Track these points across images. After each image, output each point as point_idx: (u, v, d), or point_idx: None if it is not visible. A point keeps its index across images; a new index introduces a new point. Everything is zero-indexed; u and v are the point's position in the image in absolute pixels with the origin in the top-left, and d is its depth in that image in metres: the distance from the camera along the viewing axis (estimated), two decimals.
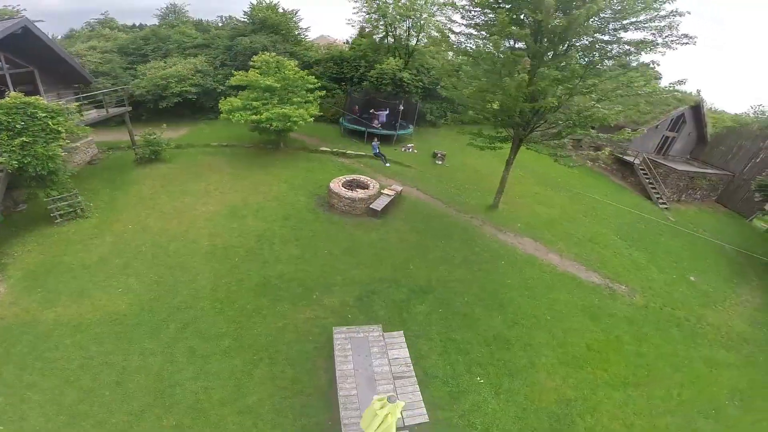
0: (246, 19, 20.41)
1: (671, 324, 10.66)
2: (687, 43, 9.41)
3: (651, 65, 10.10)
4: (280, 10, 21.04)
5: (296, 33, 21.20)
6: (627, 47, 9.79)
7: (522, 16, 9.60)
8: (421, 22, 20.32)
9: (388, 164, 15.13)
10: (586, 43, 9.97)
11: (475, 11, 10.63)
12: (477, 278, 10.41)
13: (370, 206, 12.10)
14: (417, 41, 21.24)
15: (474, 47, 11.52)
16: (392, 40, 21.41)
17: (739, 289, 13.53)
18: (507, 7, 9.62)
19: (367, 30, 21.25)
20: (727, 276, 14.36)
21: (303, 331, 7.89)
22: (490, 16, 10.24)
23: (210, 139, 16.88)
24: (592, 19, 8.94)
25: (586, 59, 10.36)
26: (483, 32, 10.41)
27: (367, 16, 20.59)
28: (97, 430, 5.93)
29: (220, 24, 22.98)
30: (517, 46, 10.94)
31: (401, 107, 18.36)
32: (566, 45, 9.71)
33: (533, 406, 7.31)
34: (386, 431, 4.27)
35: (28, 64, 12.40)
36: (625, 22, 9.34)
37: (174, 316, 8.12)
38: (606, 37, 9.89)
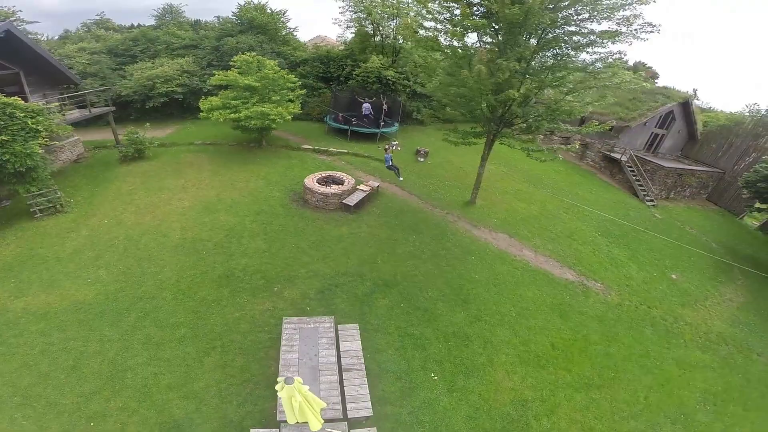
0: (234, 20, 20.74)
1: (645, 323, 10.43)
2: (651, 32, 9.38)
3: (618, 55, 10.07)
4: (269, 11, 21.34)
5: (284, 33, 21.44)
6: (592, 38, 9.76)
7: (481, 8, 9.62)
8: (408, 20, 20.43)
9: (401, 178, 14.46)
10: (550, 36, 9.97)
11: (443, 5, 10.69)
12: (444, 273, 10.38)
13: (343, 201, 12.22)
14: (404, 40, 21.37)
15: (444, 42, 11.59)
16: (379, 39, 21.56)
17: (723, 288, 13.30)
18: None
19: (351, 30, 21.42)
20: (712, 274, 14.13)
21: (259, 322, 8.01)
22: (456, 11, 10.31)
23: (195, 137, 17.17)
24: (551, 9, 8.91)
25: (551, 51, 10.33)
26: (448, 26, 10.48)
27: (353, 15, 20.77)
28: (48, 410, 6.12)
29: (217, 24, 23.32)
30: (487, 40, 11.00)
31: (385, 106, 18.50)
32: (526, 36, 9.69)
33: (487, 406, 7.16)
34: (303, 413, 4.36)
35: (13, 66, 12.77)
36: (586, 11, 9.30)
37: (136, 305, 8.31)
38: (572, 28, 9.85)
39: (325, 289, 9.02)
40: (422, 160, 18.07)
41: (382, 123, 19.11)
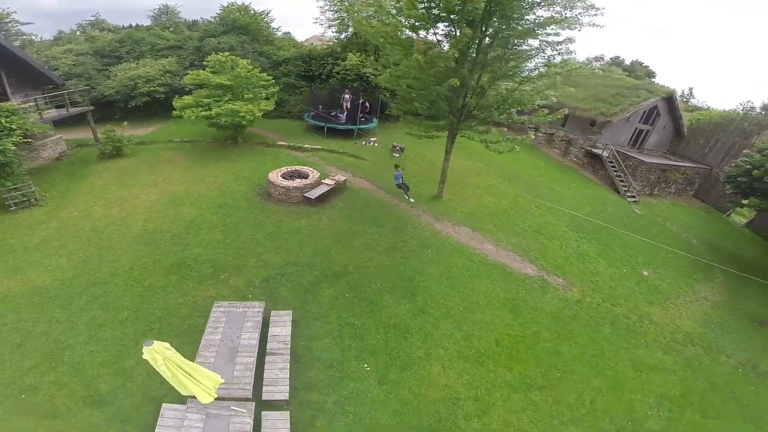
0: (218, 20, 21.32)
1: (605, 321, 10.06)
2: (596, 14, 9.36)
3: (566, 42, 10.08)
4: (252, 11, 21.86)
5: (266, 33, 21.91)
6: (534, 25, 9.73)
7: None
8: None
9: (412, 199, 13.31)
10: (495, 24, 9.95)
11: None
12: (397, 266, 10.45)
13: (305, 195, 12.53)
14: (363, 35, 21.58)
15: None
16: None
17: (699, 286, 13.03)
18: None
19: (333, 29, 21.77)
20: (688, 272, 13.86)
21: (200, 307, 8.29)
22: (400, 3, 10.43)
23: (174, 135, 17.69)
24: None
25: (497, 38, 10.27)
26: (392, 18, 10.67)
27: (334, 15, 21.12)
28: None
29: (201, 25, 23.98)
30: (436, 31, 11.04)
31: (361, 102, 18.78)
32: (466, 23, 9.71)
33: (416, 401, 7.00)
34: (180, 382, 4.59)
35: None
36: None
37: (88, 290, 8.71)
38: (515, 15, 9.80)
39: (270, 278, 9.29)
40: (397, 155, 18.24)
41: (362, 119, 19.41)
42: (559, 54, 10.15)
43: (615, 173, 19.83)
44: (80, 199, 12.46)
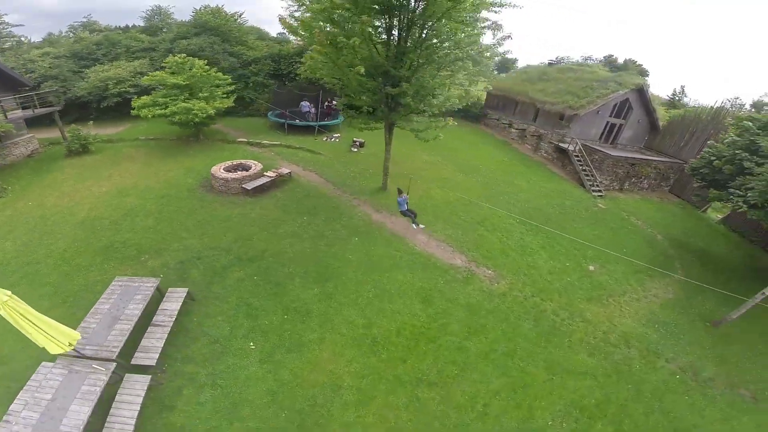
0: (190, 23, 22.60)
1: (528, 317, 9.78)
2: None
3: (482, 22, 10.47)
4: (224, 13, 23.04)
5: (237, 34, 22.99)
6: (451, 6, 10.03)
7: None
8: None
9: (422, 226, 12.60)
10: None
11: None
12: (318, 252, 10.99)
13: (242, 185, 13.33)
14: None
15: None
16: None
17: (651, 283, 12.71)
18: None
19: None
20: (643, 267, 13.32)
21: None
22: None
23: (142, 133, 18.91)
24: None
25: (413, 26, 10.65)
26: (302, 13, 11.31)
27: (299, 14, 21.95)
28: None
29: (174, 28, 25.30)
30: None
31: (334, 102, 19.61)
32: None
33: (295, 383, 7.08)
34: (14, 321, 5.31)
35: None
36: None
37: (22, 269, 9.66)
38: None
39: (186, 260, 10.07)
40: (356, 150, 18.92)
41: (328, 117, 20.23)
42: (467, 35, 10.51)
43: (581, 167, 19.86)
44: (38, 192, 13.64)
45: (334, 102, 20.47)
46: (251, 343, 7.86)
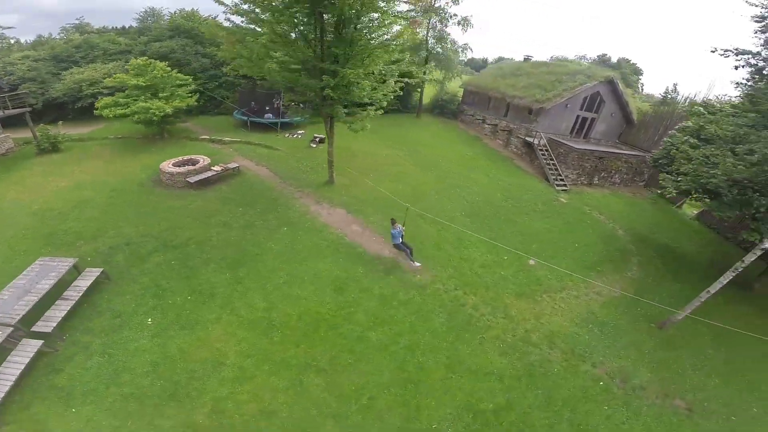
0: (164, 25, 24.26)
1: (442, 310, 9.88)
2: None
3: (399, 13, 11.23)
4: (200, 17, 24.60)
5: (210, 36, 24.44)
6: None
7: None
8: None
9: (418, 263, 11.56)
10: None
11: None
12: (242, 241, 11.83)
13: (186, 179, 14.49)
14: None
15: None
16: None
17: (599, 279, 12.54)
18: None
19: None
20: (593, 263, 13.61)
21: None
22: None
23: (113, 133, 20.52)
24: None
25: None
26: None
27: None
28: None
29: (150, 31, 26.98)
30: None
31: (281, 103, 20.81)
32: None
33: (180, 357, 7.69)
34: None
35: None
36: None
37: None
38: None
39: (116, 246, 11.21)
40: (314, 146, 19.89)
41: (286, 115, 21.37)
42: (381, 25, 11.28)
43: (545, 161, 20.19)
44: (4, 187, 15.11)
45: (281, 102, 21.58)
46: (149, 319, 8.76)
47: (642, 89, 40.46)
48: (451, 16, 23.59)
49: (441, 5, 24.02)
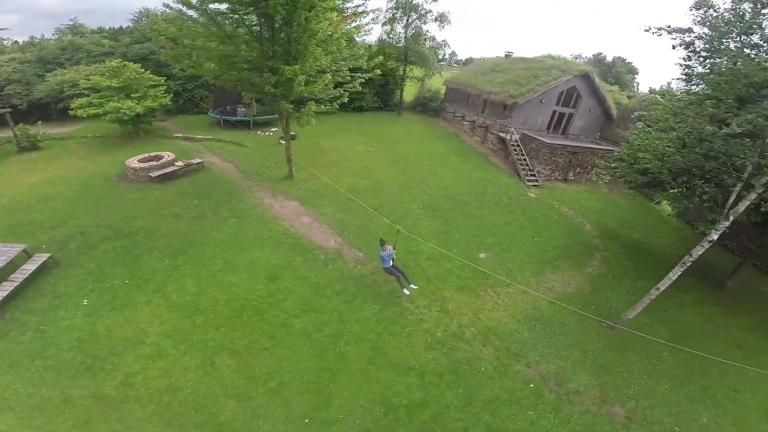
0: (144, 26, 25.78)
1: (375, 300, 10.18)
2: None
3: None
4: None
5: None
6: None
7: None
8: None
9: (414, 287, 10.54)
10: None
11: None
12: (189, 231, 12.71)
13: (149, 174, 15.62)
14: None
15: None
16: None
17: (553, 275, 12.73)
18: None
19: None
20: (550, 258, 13.80)
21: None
22: None
23: (91, 132, 22.00)
24: None
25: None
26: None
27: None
28: None
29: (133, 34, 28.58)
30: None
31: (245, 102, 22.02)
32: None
33: (104, 334, 8.51)
34: None
35: None
36: None
37: None
38: None
39: (71, 235, 12.30)
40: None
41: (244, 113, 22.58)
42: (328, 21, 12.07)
43: (517, 157, 20.63)
44: None
45: (242, 100, 22.70)
46: (85, 301, 9.68)
47: (637, 88, 40.26)
48: (427, 12, 24.34)
49: (418, 2, 24.84)
